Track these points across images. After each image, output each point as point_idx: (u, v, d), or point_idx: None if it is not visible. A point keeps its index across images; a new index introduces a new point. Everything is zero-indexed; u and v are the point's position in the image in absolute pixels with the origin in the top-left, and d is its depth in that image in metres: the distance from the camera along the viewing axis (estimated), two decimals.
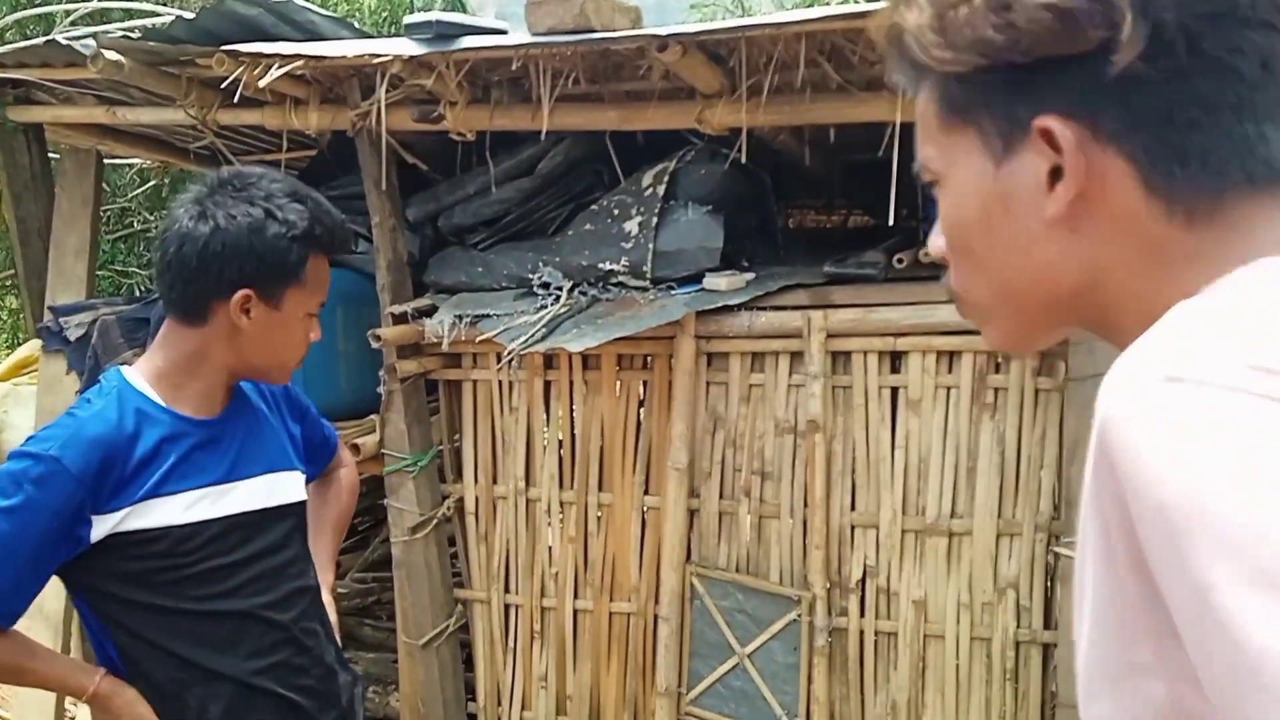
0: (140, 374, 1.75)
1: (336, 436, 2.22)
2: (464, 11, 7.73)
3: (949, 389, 2.91)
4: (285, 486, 1.87)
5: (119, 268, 6.93)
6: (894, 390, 2.96)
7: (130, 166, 6.07)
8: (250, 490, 1.80)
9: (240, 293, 1.68)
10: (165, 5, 6.66)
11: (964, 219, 0.77)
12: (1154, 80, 0.67)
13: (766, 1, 12.52)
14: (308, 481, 1.99)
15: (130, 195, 6.66)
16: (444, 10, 8.01)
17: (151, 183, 5.96)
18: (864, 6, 3.27)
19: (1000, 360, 2.87)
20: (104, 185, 4.17)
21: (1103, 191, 0.70)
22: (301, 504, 1.92)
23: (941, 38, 0.71)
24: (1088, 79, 0.68)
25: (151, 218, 6.92)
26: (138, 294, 6.75)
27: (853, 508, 3.01)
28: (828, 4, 9.37)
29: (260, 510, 1.81)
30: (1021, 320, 0.79)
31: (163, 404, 1.72)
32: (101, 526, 1.64)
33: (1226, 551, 0.53)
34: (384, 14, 8.37)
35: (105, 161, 3.89)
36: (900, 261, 3.04)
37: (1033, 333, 0.81)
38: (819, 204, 5.00)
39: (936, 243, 0.83)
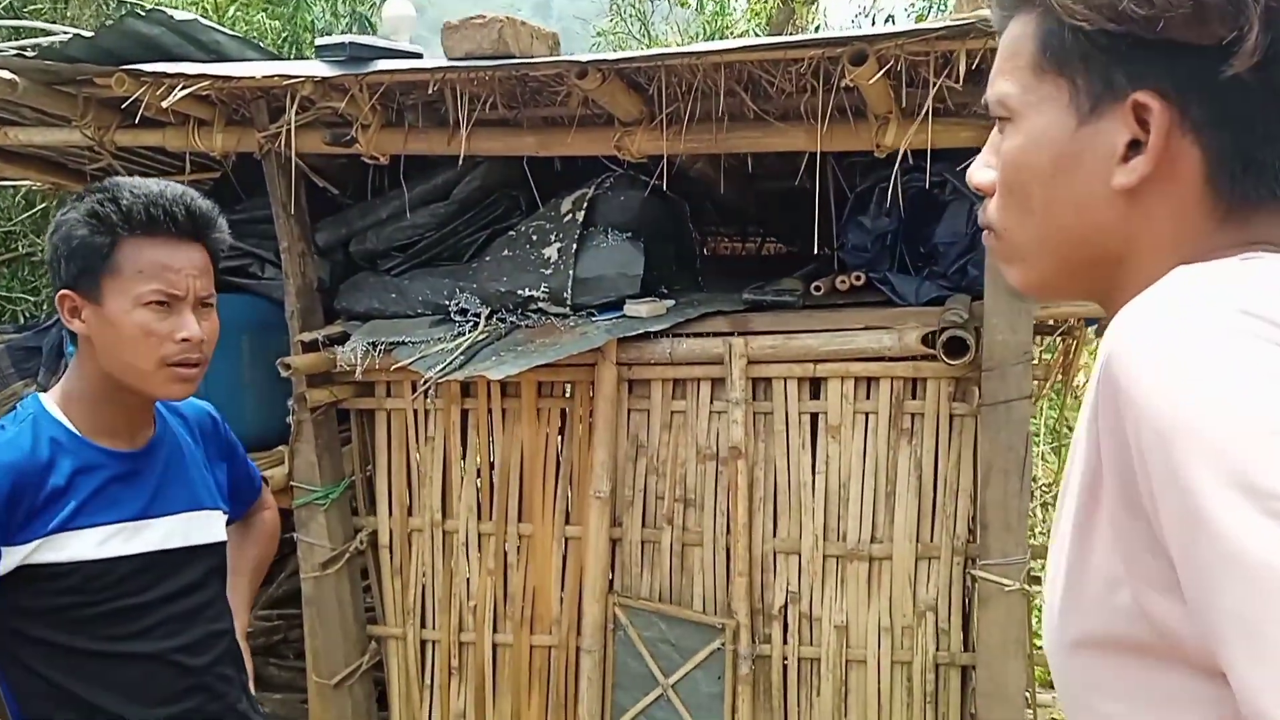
0: (55, 401, 1.66)
1: (261, 478, 2.14)
2: (373, 34, 7.63)
3: (867, 414, 2.94)
4: (205, 526, 1.79)
5: (2, 293, 6.62)
6: (814, 416, 2.97)
7: (14, 189, 5.81)
8: (168, 528, 1.71)
9: (59, 294, 1.61)
10: (57, 23, 6.43)
11: (1030, 163, 0.80)
12: (1253, 88, 0.71)
13: (673, 31, 12.68)
14: (229, 522, 1.91)
15: (15, 219, 6.38)
16: (351, 33, 7.90)
17: (41, 206, 5.71)
18: (770, 40, 3.31)
19: (917, 385, 2.91)
20: None
21: (1170, 174, 0.74)
22: (221, 545, 1.83)
23: None
24: (1194, 69, 0.72)
25: (38, 241, 6.64)
26: (22, 320, 6.46)
27: (775, 534, 3.01)
28: (738, 36, 9.51)
29: (177, 549, 1.72)
30: (1052, 271, 0.82)
31: (79, 434, 1.64)
32: (10, 558, 1.55)
33: (1213, 460, 0.59)
34: (285, 35, 8.22)
35: None
36: (818, 289, 3.07)
37: (1057, 285, 0.84)
38: (732, 232, 5.04)
39: (984, 174, 0.85)
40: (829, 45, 2.49)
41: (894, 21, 10.31)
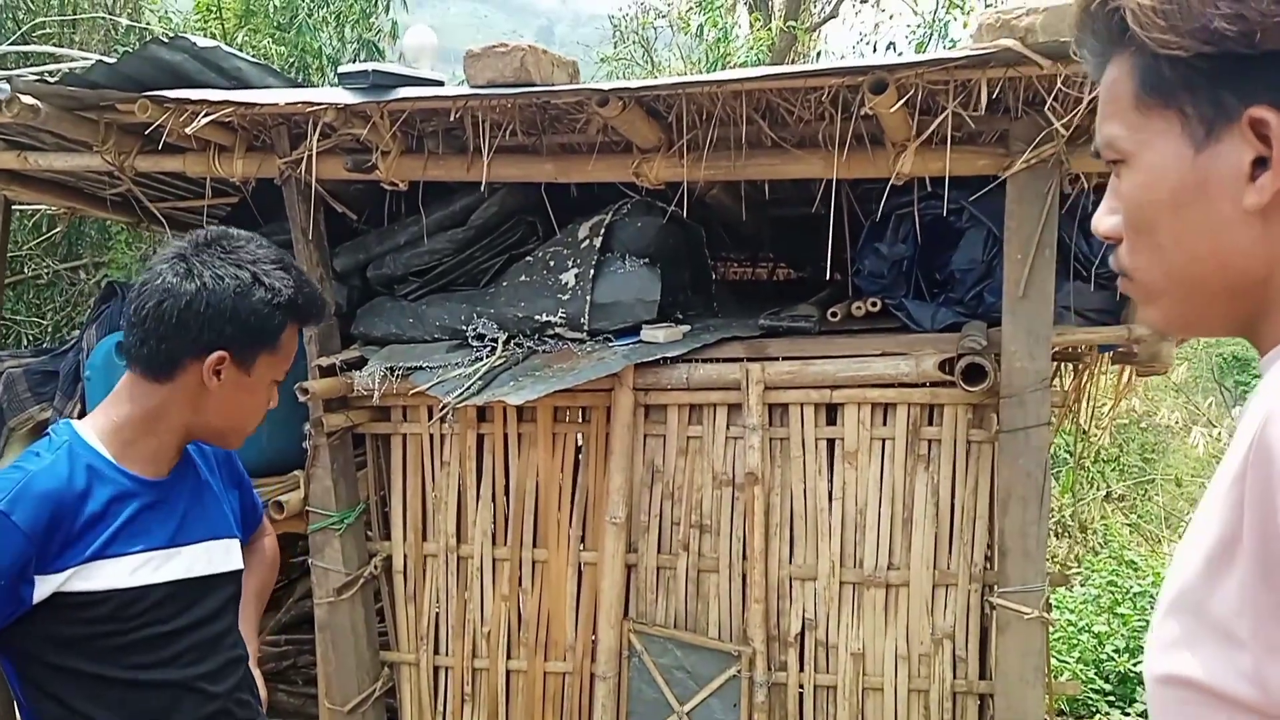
0: (92, 428, 1.67)
1: (262, 506, 2.15)
2: (380, 60, 7.69)
3: (884, 440, 2.94)
4: (225, 554, 1.80)
5: (9, 316, 6.64)
6: (831, 442, 2.98)
7: (24, 212, 5.83)
8: (193, 556, 1.72)
9: (216, 353, 1.64)
10: (64, 48, 6.47)
11: (1153, 199, 0.79)
12: None
13: (676, 58, 12.77)
14: None
15: (26, 244, 6.40)
16: (358, 59, 7.96)
17: (58, 229, 5.73)
18: (785, 69, 3.33)
19: (934, 411, 2.91)
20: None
21: None
22: (239, 573, 1.84)
23: (1164, 20, 0.73)
24: None
25: (48, 265, 6.66)
26: (26, 343, 6.47)
27: (791, 560, 3.01)
28: (740, 63, 9.58)
29: (201, 577, 1.73)
30: (1190, 305, 0.81)
31: (114, 461, 1.65)
32: (45, 586, 1.54)
33: None
34: (292, 61, 8.27)
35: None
36: (834, 315, 3.08)
37: (1196, 319, 0.82)
38: (744, 257, 5.06)
39: (1108, 221, 0.84)
40: (849, 74, 2.52)
41: (895, 48, 10.38)
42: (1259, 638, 0.67)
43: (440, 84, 2.91)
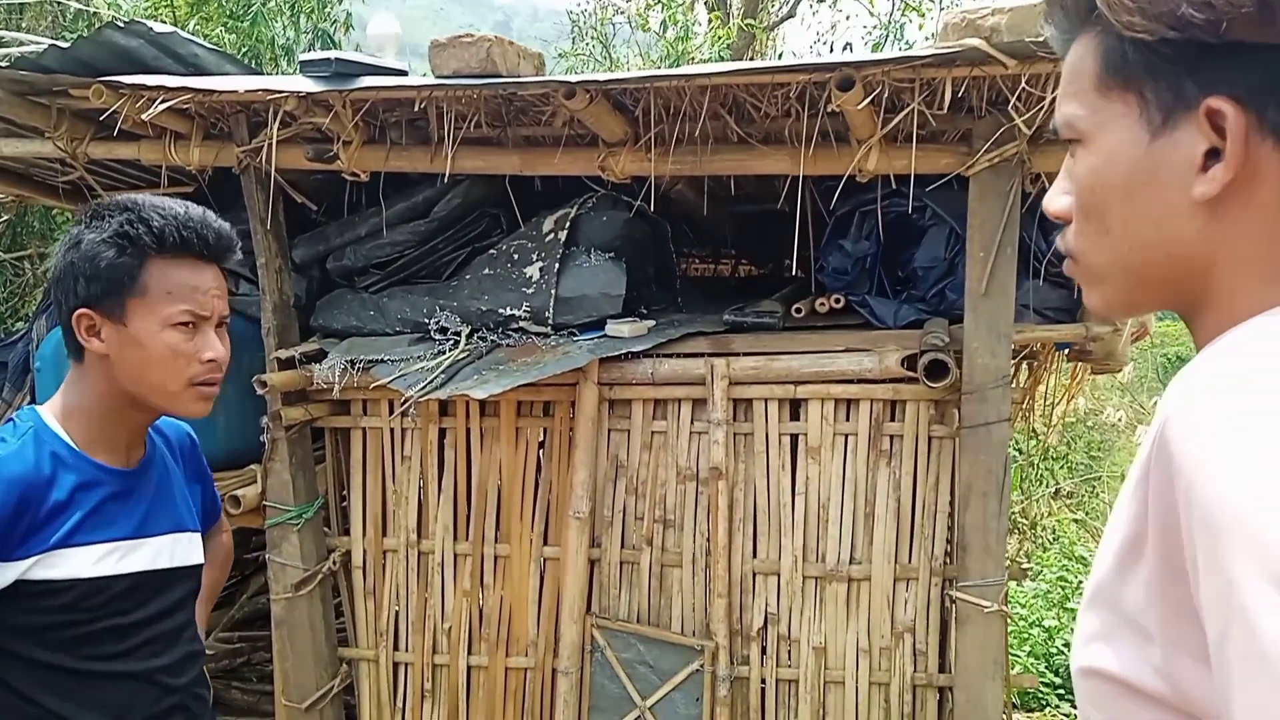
0: (53, 415, 1.63)
1: (221, 501, 2.12)
2: (334, 49, 7.58)
3: (847, 436, 2.96)
4: (188, 548, 1.77)
5: None
6: (794, 437, 2.99)
7: None
8: (157, 548, 1.69)
9: (76, 313, 1.59)
10: (28, 35, 6.31)
11: (1105, 182, 0.78)
12: None
13: (634, 54, 12.76)
14: None
15: None
16: (313, 49, 7.85)
17: (4, 218, 5.59)
18: (753, 65, 3.34)
19: (896, 407, 2.94)
20: None
21: (1251, 181, 0.72)
22: (199, 567, 1.81)
23: (1133, 2, 0.72)
24: (1266, 69, 0.70)
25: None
26: None
27: (754, 555, 3.02)
28: (699, 61, 9.59)
29: (164, 570, 1.70)
30: (1133, 290, 0.81)
31: (78, 449, 1.61)
32: (6, 574, 1.51)
33: (1257, 555, 0.59)
34: (244, 50, 8.14)
35: None
36: (799, 311, 3.09)
37: (1139, 303, 0.82)
38: (707, 253, 5.07)
39: (1060, 201, 0.83)
40: (816, 70, 2.53)
41: (851, 49, 10.46)
42: (1166, 633, 0.68)
43: (404, 74, 2.88)
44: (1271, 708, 0.57)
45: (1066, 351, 3.25)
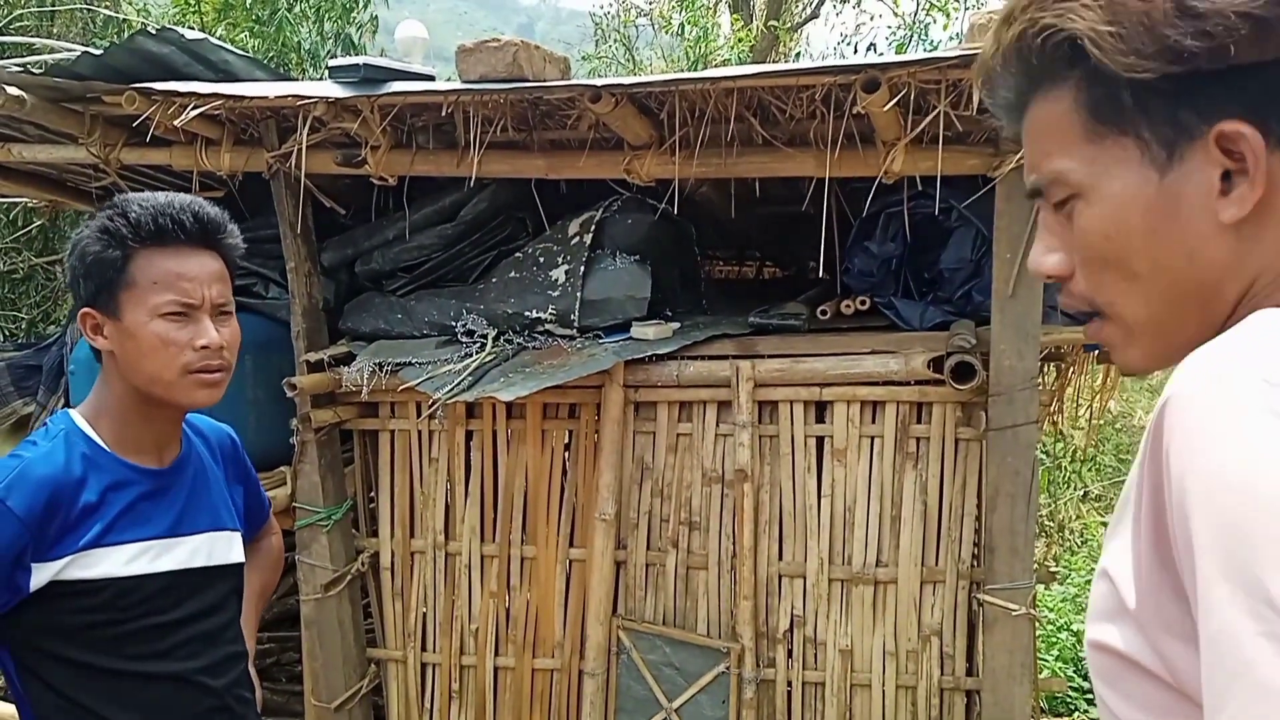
0: (85, 417, 1.66)
1: (269, 503, 2.13)
2: (356, 53, 7.64)
3: (873, 438, 2.95)
4: (227, 547, 1.78)
5: None
6: (820, 439, 2.99)
7: (6, 206, 5.76)
8: (193, 547, 1.70)
9: (80, 314, 1.62)
10: (41, 39, 6.39)
11: (1122, 230, 0.77)
12: None
13: (658, 56, 12.77)
14: None
15: (1, 238, 6.32)
16: (337, 54, 7.90)
17: (37, 223, 5.66)
18: (778, 67, 3.34)
19: (923, 409, 2.93)
20: None
21: (1272, 194, 0.72)
22: (240, 566, 1.82)
23: (1126, 44, 0.71)
24: (1268, 85, 0.70)
25: (24, 259, 6.58)
26: (1, 338, 6.40)
27: (780, 557, 3.02)
28: (721, 62, 9.59)
29: (201, 569, 1.71)
30: (1173, 331, 0.78)
31: (109, 450, 1.63)
32: (41, 574, 1.53)
33: (1224, 545, 0.60)
34: (270, 56, 8.20)
35: None
36: (824, 313, 3.09)
37: (1177, 344, 0.78)
38: (731, 255, 5.07)
39: (1049, 260, 0.82)
40: (842, 72, 2.52)
41: (876, 49, 10.43)
42: (1157, 613, 0.69)
43: (431, 78, 2.90)
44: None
45: (1095, 353, 3.23)
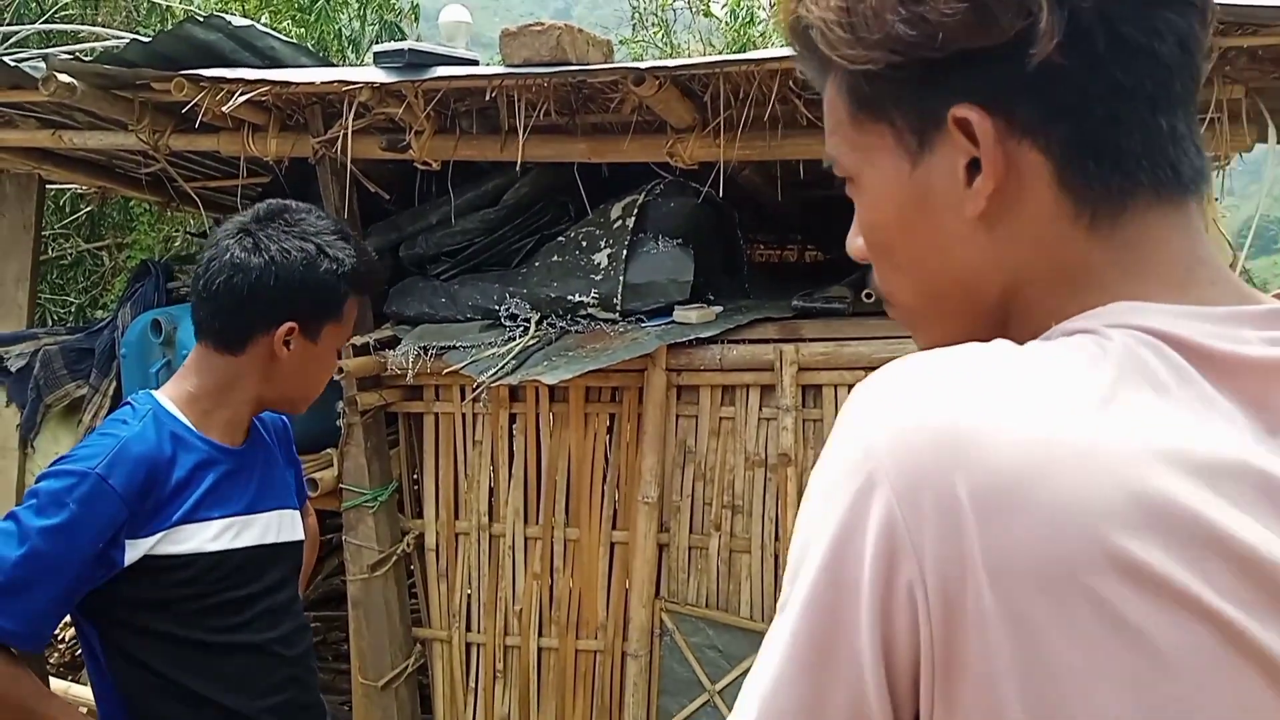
0: (170, 398, 1.72)
1: (305, 486, 2.20)
2: (401, 39, 7.67)
3: None
4: (292, 524, 1.86)
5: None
6: None
7: (48, 192, 5.87)
8: (266, 524, 1.78)
9: (286, 325, 1.70)
10: (86, 26, 6.48)
11: (882, 219, 0.73)
12: (1071, 70, 0.64)
13: (695, 40, 12.71)
14: None
15: (51, 224, 6.44)
16: (379, 41, 7.95)
17: (86, 209, 5.76)
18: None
19: None
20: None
21: (1018, 188, 0.67)
22: (301, 544, 1.90)
23: (850, 34, 0.67)
24: (1003, 70, 0.65)
25: (74, 244, 6.70)
26: (50, 322, 6.52)
27: None
28: (762, 46, 9.53)
29: (272, 545, 1.79)
30: (947, 325, 0.73)
31: (195, 429, 1.71)
32: (135, 550, 1.60)
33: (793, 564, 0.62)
34: (312, 43, 8.27)
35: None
36: (869, 296, 3.07)
37: (953, 337, 0.69)
38: (773, 239, 5.05)
39: (855, 243, 0.79)
40: None
41: None
42: None
43: (475, 63, 2.91)
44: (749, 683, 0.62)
45: None
